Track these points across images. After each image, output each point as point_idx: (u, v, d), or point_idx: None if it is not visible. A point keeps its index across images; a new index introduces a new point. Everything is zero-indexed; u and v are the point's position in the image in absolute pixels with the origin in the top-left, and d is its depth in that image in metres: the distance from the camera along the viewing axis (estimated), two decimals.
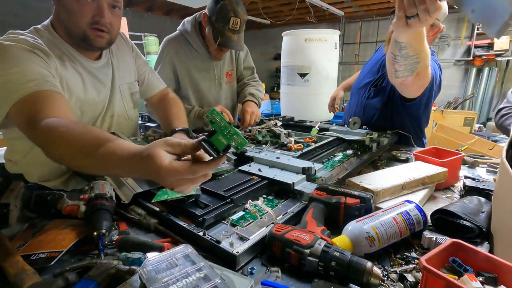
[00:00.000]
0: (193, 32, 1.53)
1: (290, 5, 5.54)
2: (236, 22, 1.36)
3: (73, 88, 0.93)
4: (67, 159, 0.63)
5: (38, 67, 0.80)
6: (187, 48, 1.55)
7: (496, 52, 5.24)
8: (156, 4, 6.19)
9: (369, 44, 6.79)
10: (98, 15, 0.88)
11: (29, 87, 0.75)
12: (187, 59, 1.55)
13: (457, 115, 4.73)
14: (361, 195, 0.69)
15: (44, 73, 0.80)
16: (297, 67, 3.66)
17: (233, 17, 1.34)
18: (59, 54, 0.91)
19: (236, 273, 0.51)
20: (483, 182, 0.86)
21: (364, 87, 1.61)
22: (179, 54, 1.54)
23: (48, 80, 0.79)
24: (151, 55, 5.29)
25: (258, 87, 1.78)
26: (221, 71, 1.67)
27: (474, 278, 0.44)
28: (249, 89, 1.73)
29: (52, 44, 0.90)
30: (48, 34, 0.91)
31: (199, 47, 1.55)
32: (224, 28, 1.36)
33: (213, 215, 0.65)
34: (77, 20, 0.87)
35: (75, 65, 0.95)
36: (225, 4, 1.34)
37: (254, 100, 1.65)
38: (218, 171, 0.94)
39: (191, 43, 1.54)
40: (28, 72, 0.77)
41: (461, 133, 2.71)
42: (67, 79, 0.91)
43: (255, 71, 1.86)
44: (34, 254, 0.58)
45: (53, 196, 0.73)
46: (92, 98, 0.99)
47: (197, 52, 1.56)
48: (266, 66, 8.50)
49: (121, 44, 1.16)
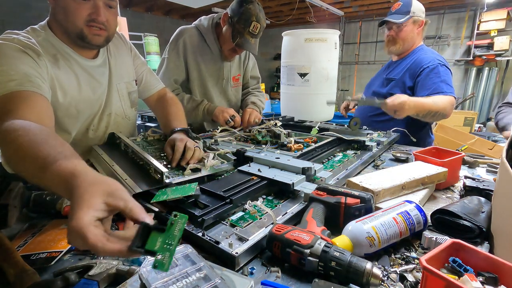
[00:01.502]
0: (208, 30, 1.56)
1: (290, 5, 5.55)
2: (256, 27, 1.40)
3: (67, 87, 0.93)
4: (14, 163, 0.60)
5: (25, 67, 0.80)
6: (200, 43, 1.57)
7: (496, 52, 5.25)
8: (156, 4, 6.20)
9: (369, 44, 6.80)
10: (94, 13, 0.88)
11: (9, 86, 0.75)
12: (199, 52, 1.57)
13: (457, 115, 4.73)
14: (361, 195, 0.69)
15: (29, 73, 0.80)
16: (297, 67, 3.66)
17: (255, 22, 1.39)
18: (53, 53, 0.91)
19: (236, 273, 0.51)
20: (483, 182, 0.86)
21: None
22: (193, 45, 1.56)
23: (31, 80, 0.79)
24: (151, 55, 5.29)
25: (261, 97, 1.82)
26: (229, 73, 1.69)
27: (474, 278, 0.44)
28: (252, 98, 1.77)
29: (47, 43, 0.91)
30: (44, 34, 0.92)
31: (212, 43, 1.56)
32: (244, 30, 1.40)
33: (212, 215, 0.65)
34: (73, 19, 0.88)
35: (70, 64, 0.95)
36: (249, 8, 1.38)
37: (256, 108, 1.68)
38: (218, 171, 0.94)
39: (205, 38, 1.56)
40: (12, 72, 0.77)
41: (461, 133, 2.71)
42: (59, 79, 0.91)
43: (260, 81, 1.92)
44: (34, 254, 0.58)
45: (52, 196, 0.73)
46: (88, 96, 0.99)
47: (209, 49, 1.58)
48: (266, 66, 8.50)
49: (119, 44, 1.16)
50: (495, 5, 5.11)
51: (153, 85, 1.29)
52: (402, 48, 1.66)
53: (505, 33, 5.18)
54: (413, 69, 1.58)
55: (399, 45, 1.65)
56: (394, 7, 1.64)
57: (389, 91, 1.62)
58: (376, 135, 1.37)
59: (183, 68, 1.57)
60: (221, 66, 1.63)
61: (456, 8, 5.69)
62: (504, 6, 5.06)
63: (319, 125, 1.48)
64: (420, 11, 1.61)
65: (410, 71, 1.60)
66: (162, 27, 6.92)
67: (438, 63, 1.53)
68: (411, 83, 1.59)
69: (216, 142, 1.25)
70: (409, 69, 1.61)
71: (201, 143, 1.10)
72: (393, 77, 1.66)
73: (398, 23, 1.59)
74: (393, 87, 1.64)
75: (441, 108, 1.42)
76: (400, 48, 1.66)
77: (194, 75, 1.60)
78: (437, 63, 1.52)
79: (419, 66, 1.56)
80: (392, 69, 1.73)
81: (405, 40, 1.63)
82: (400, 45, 1.65)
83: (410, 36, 1.62)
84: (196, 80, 1.61)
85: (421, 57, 1.60)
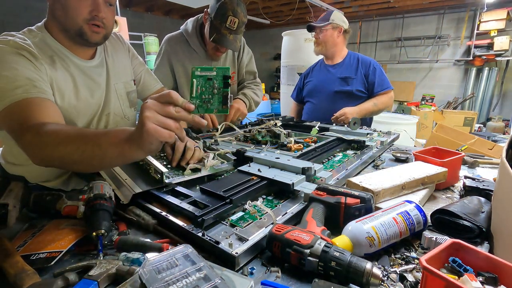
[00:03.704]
0: (193, 33, 1.54)
1: (290, 5, 5.54)
2: (233, 22, 1.36)
3: (64, 89, 0.93)
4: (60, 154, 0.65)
5: (26, 71, 0.81)
6: (185, 48, 1.56)
7: (496, 52, 5.24)
8: (156, 4, 6.20)
9: (368, 44, 6.80)
10: (95, 10, 0.88)
11: (18, 93, 0.76)
12: (185, 58, 1.56)
13: (457, 115, 4.73)
14: (361, 195, 0.69)
15: (32, 77, 0.81)
16: (297, 67, 3.66)
17: (231, 16, 1.35)
18: (50, 54, 0.91)
19: (236, 273, 0.51)
20: (483, 182, 0.85)
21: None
22: (177, 52, 1.55)
23: (36, 85, 0.80)
24: (151, 55, 5.29)
25: (256, 90, 1.77)
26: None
27: (474, 278, 0.44)
28: (245, 90, 1.72)
29: (43, 44, 0.91)
30: (41, 35, 0.92)
31: (197, 47, 1.55)
32: (221, 26, 1.36)
33: (212, 215, 0.65)
34: (74, 15, 0.88)
35: (67, 65, 0.95)
36: (225, 2, 1.34)
37: (244, 99, 1.64)
38: (218, 171, 0.94)
39: (189, 43, 1.55)
40: (17, 77, 0.78)
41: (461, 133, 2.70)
42: (57, 81, 0.91)
43: (257, 76, 1.87)
44: (34, 254, 0.58)
45: (52, 196, 0.73)
46: (85, 97, 0.99)
47: (195, 52, 1.57)
48: (266, 66, 8.50)
49: (117, 44, 1.16)
50: (495, 5, 5.11)
51: (151, 85, 1.29)
52: (325, 50, 1.96)
53: (505, 33, 5.18)
54: (365, 67, 1.91)
55: (322, 47, 1.95)
56: (320, 17, 1.98)
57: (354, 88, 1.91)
58: (376, 135, 1.37)
59: (170, 77, 1.58)
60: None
61: (456, 8, 5.69)
62: (504, 6, 5.06)
63: (319, 125, 1.48)
64: (340, 20, 1.91)
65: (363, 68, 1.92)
66: (162, 27, 6.92)
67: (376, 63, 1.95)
68: (365, 78, 1.92)
69: (216, 142, 1.25)
70: (360, 67, 1.93)
71: (201, 143, 1.10)
72: (349, 76, 1.93)
73: (319, 26, 1.91)
74: (355, 84, 1.92)
75: (382, 108, 1.89)
76: (323, 49, 1.95)
77: (182, 80, 1.59)
78: (376, 63, 1.95)
79: (368, 65, 1.91)
80: (336, 70, 1.99)
81: (327, 43, 1.93)
82: (322, 47, 1.95)
83: (330, 39, 1.92)
84: (185, 85, 1.60)
85: (362, 57, 1.97)
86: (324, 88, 1.99)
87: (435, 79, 6.24)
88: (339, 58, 2.00)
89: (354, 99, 1.90)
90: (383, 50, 6.69)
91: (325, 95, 1.98)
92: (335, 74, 1.97)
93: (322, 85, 2.01)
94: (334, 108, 1.80)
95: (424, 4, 5.52)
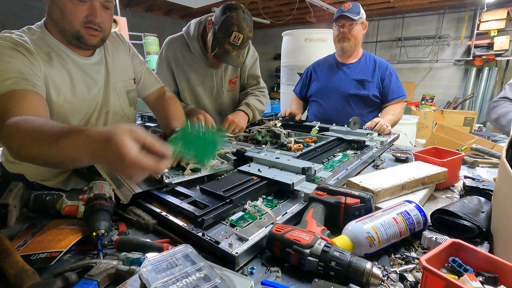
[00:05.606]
0: (194, 36, 1.47)
1: (290, 5, 5.55)
2: (238, 38, 1.28)
3: (60, 86, 0.93)
4: (26, 149, 0.62)
5: (19, 64, 0.81)
6: (186, 51, 1.51)
7: (496, 52, 5.25)
8: (156, 4, 6.20)
9: (368, 44, 6.79)
10: (91, 15, 0.89)
11: (6, 85, 0.76)
12: (185, 62, 1.52)
13: (457, 115, 4.73)
14: (361, 195, 0.69)
15: (24, 70, 0.81)
16: (297, 67, 3.66)
17: (236, 32, 1.27)
18: (48, 51, 0.92)
19: (236, 273, 0.51)
20: (483, 182, 0.86)
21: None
22: (177, 56, 1.51)
23: (26, 78, 0.80)
24: (151, 55, 5.29)
25: (260, 97, 1.66)
26: (223, 78, 1.60)
27: (474, 278, 0.44)
28: (249, 98, 1.62)
29: (42, 42, 0.91)
30: (40, 33, 0.92)
31: (197, 52, 1.49)
32: (224, 40, 1.29)
33: (212, 215, 0.65)
34: (70, 19, 0.88)
35: (64, 62, 0.95)
36: (231, 16, 1.26)
37: (246, 110, 1.54)
38: (218, 171, 0.94)
39: (190, 47, 1.50)
40: (8, 70, 0.78)
41: (461, 133, 2.70)
42: (53, 77, 0.91)
43: (260, 80, 1.75)
44: (34, 254, 0.58)
45: (52, 196, 0.73)
46: (82, 94, 0.99)
47: (196, 57, 1.51)
48: (266, 66, 8.51)
49: (117, 43, 1.16)
50: (495, 5, 5.11)
51: (151, 84, 1.29)
52: (354, 46, 1.78)
53: (505, 33, 5.18)
54: (382, 71, 1.78)
55: (352, 42, 1.76)
56: (345, 6, 1.74)
57: (370, 92, 1.78)
58: (376, 135, 1.37)
59: (171, 81, 1.55)
60: (211, 72, 1.55)
61: (456, 8, 5.69)
62: (504, 6, 5.06)
63: (319, 125, 1.48)
64: (364, 16, 1.77)
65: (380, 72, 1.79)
66: (162, 27, 6.92)
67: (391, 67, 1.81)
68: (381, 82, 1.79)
69: None
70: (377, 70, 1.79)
71: None
72: (366, 78, 1.79)
73: (356, 19, 1.70)
74: (371, 88, 1.78)
75: (398, 119, 1.73)
76: (353, 45, 1.77)
77: (183, 85, 1.55)
78: (391, 67, 1.81)
79: (385, 69, 1.78)
80: (351, 70, 1.84)
81: (356, 38, 1.76)
82: (353, 42, 1.76)
83: (359, 35, 1.78)
84: (186, 89, 1.57)
85: (378, 59, 1.83)
86: (337, 89, 1.83)
87: (435, 79, 6.24)
88: (355, 58, 1.84)
89: (368, 105, 1.78)
90: (383, 50, 6.70)
91: (338, 97, 1.82)
92: (349, 75, 1.81)
93: (335, 86, 1.84)
94: (347, 112, 1.72)
95: (424, 4, 5.52)
